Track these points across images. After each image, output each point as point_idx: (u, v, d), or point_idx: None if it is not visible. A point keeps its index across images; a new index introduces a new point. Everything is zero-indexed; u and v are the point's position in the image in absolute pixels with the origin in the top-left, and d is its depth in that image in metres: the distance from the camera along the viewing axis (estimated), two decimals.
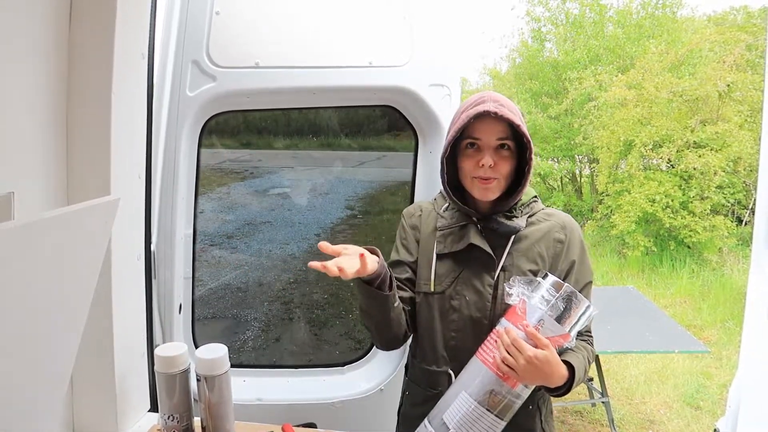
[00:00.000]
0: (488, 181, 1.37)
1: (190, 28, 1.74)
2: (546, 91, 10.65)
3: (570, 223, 1.46)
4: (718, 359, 5.14)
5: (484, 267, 1.41)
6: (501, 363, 1.24)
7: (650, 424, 4.09)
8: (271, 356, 2.31)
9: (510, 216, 1.42)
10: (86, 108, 1.26)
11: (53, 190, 1.24)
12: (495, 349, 1.27)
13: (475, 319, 1.40)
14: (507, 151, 1.37)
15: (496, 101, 1.35)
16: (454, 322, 1.42)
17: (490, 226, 1.42)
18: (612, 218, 8.22)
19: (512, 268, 1.40)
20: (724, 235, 7.57)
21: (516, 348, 1.21)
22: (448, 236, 1.45)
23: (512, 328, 1.25)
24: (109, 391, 1.36)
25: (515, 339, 1.22)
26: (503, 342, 1.24)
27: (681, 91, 7.92)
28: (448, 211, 1.49)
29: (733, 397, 2.05)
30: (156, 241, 1.85)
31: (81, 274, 0.95)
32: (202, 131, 1.87)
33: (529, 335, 1.22)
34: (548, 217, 1.46)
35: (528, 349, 1.20)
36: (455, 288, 1.42)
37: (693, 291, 6.88)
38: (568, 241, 1.43)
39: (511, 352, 1.22)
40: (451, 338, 1.43)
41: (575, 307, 1.26)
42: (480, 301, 1.40)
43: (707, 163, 7.42)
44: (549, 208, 1.50)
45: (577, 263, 1.42)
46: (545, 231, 1.43)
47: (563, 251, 1.42)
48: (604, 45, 10.04)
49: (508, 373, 1.24)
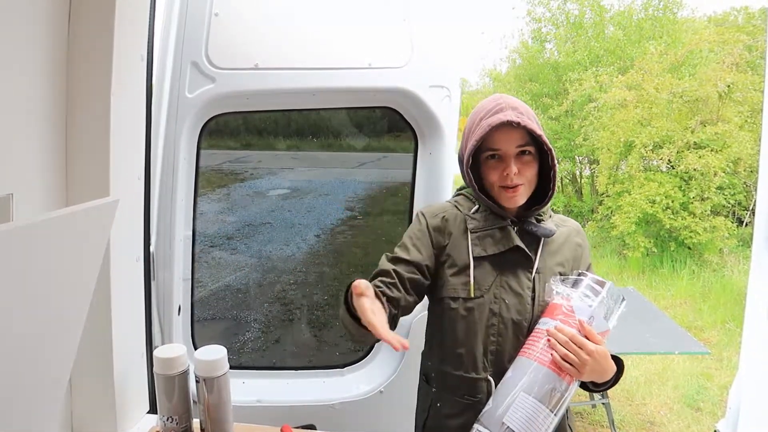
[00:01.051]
0: (515, 189, 1.37)
1: (189, 29, 1.74)
2: (546, 92, 10.65)
3: (580, 228, 1.54)
4: (719, 360, 5.13)
5: (522, 269, 1.40)
6: (561, 360, 1.24)
7: (650, 426, 4.09)
8: (271, 358, 2.31)
9: (539, 220, 1.45)
10: (85, 109, 1.26)
11: (52, 192, 1.24)
12: (548, 348, 1.26)
13: (516, 322, 1.38)
14: (529, 156, 1.38)
15: (514, 108, 1.35)
16: (494, 327, 1.38)
17: (527, 229, 1.42)
18: (612, 219, 8.22)
19: (545, 270, 1.41)
20: (725, 236, 7.57)
21: (576, 345, 1.23)
22: (484, 239, 1.41)
23: (563, 326, 1.26)
24: (108, 392, 1.35)
25: (573, 335, 1.23)
26: (559, 340, 1.24)
27: (681, 92, 7.92)
28: (479, 213, 1.45)
29: (733, 398, 2.04)
30: (155, 243, 1.85)
31: (80, 276, 0.94)
32: (201, 133, 1.87)
33: (586, 332, 1.25)
34: (564, 222, 1.51)
35: (589, 344, 1.23)
36: (494, 292, 1.39)
37: (693, 292, 6.88)
38: (584, 245, 1.50)
39: (571, 348, 1.23)
40: (491, 343, 1.39)
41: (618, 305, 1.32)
42: (520, 303, 1.38)
43: (707, 164, 7.42)
44: (558, 214, 1.55)
45: (591, 265, 1.51)
46: (566, 235, 1.48)
47: (582, 254, 1.48)
48: (604, 46, 10.04)
49: (568, 370, 1.24)
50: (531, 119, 1.35)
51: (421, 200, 2.03)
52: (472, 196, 1.49)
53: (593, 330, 1.25)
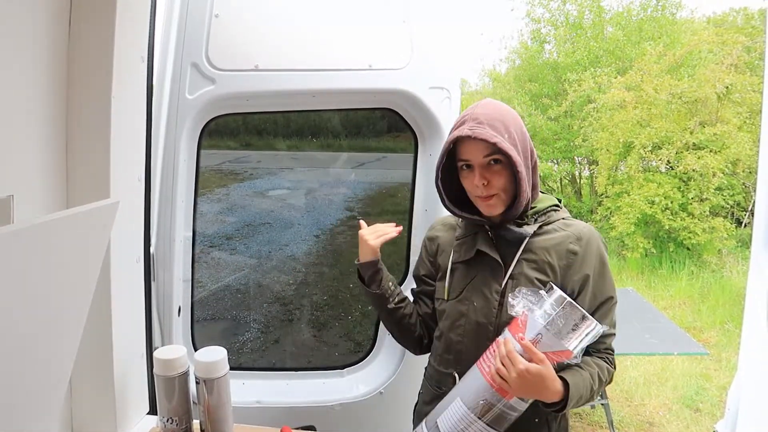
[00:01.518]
0: (488, 199, 1.38)
1: (190, 30, 1.74)
2: (545, 93, 10.65)
3: (588, 234, 1.40)
4: (718, 361, 5.14)
5: (493, 274, 1.42)
6: (495, 374, 1.25)
7: (649, 426, 4.09)
8: (271, 359, 2.31)
9: (521, 224, 1.41)
10: (86, 111, 1.26)
11: (53, 194, 1.24)
12: (493, 359, 1.27)
13: (480, 325, 1.41)
14: (498, 165, 1.36)
15: (475, 119, 1.34)
16: (461, 327, 1.45)
17: (500, 233, 1.43)
18: (611, 220, 8.22)
19: (521, 277, 1.38)
20: (724, 237, 7.57)
21: (509, 360, 1.22)
22: (462, 245, 1.50)
23: (510, 339, 1.25)
24: (108, 393, 1.36)
25: (510, 351, 1.22)
26: (499, 353, 1.25)
27: (680, 92, 7.92)
28: (464, 222, 1.52)
29: (732, 399, 2.05)
30: (155, 244, 1.85)
31: (80, 277, 0.95)
32: (201, 134, 1.88)
33: (525, 348, 1.22)
34: (565, 227, 1.42)
35: (520, 363, 1.20)
36: (465, 294, 1.45)
37: (692, 293, 6.88)
38: (582, 254, 1.38)
39: (505, 363, 1.23)
40: (457, 342, 1.46)
41: (578, 324, 1.23)
42: (486, 307, 1.41)
43: (706, 165, 7.43)
44: (570, 219, 1.46)
45: (594, 277, 1.37)
46: (558, 241, 1.39)
47: (576, 263, 1.37)
48: (603, 47, 10.04)
49: (501, 385, 1.24)
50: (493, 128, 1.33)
51: (421, 202, 2.04)
52: None
53: (534, 348, 1.21)
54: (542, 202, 1.45)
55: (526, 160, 1.37)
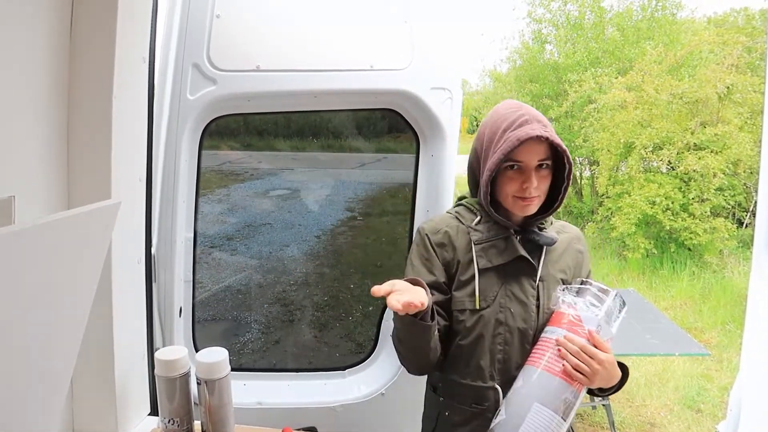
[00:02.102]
0: (530, 200, 1.39)
1: (191, 31, 1.74)
2: (546, 93, 10.66)
3: (581, 234, 1.56)
4: (719, 362, 5.13)
5: (526, 277, 1.42)
6: (573, 370, 1.26)
7: (651, 427, 4.09)
8: (272, 360, 2.31)
9: (541, 228, 1.47)
10: (87, 112, 1.26)
11: (54, 194, 1.24)
12: (559, 358, 1.28)
13: (522, 331, 1.40)
14: (546, 170, 1.39)
15: (539, 121, 1.35)
16: (501, 336, 1.40)
17: (530, 238, 1.43)
18: (612, 220, 8.21)
19: (548, 278, 1.43)
20: (725, 238, 7.56)
21: (588, 354, 1.25)
22: (488, 249, 1.43)
23: (573, 336, 1.28)
24: (109, 394, 1.35)
25: (584, 346, 1.26)
26: (570, 350, 1.27)
27: (681, 93, 7.92)
28: (482, 225, 1.46)
29: (734, 400, 2.05)
30: (156, 245, 1.85)
31: (82, 278, 0.94)
32: (202, 135, 1.87)
33: (595, 341, 1.27)
34: (564, 229, 1.53)
35: (600, 354, 1.26)
36: (499, 301, 1.40)
37: (693, 293, 6.88)
38: (584, 252, 1.53)
39: (582, 359, 1.25)
40: (498, 352, 1.40)
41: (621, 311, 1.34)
42: (525, 312, 1.40)
43: (707, 165, 7.42)
44: (559, 221, 1.56)
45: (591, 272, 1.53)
46: (567, 242, 1.50)
47: (583, 261, 1.51)
48: (603, 47, 10.04)
49: (580, 379, 1.27)
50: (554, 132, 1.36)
51: (423, 202, 2.03)
52: (473, 206, 1.50)
53: (601, 339, 1.27)
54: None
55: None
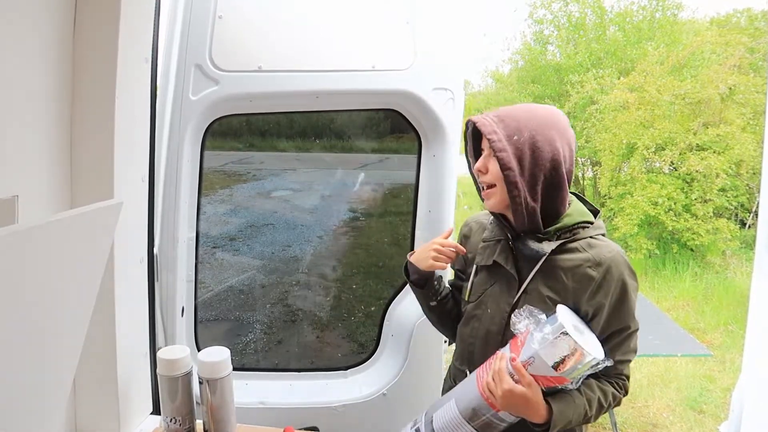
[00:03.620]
0: (487, 190, 1.39)
1: (193, 32, 1.75)
2: (548, 94, 10.66)
3: (609, 261, 1.31)
4: (722, 363, 5.12)
5: (508, 286, 1.41)
6: (485, 386, 1.28)
7: (653, 428, 4.08)
8: (274, 360, 2.31)
9: (542, 238, 1.35)
10: (90, 112, 1.26)
11: (57, 194, 1.24)
12: (489, 371, 1.29)
13: (490, 332, 1.43)
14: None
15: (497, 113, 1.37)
16: (474, 329, 1.47)
17: (518, 247, 1.40)
18: (614, 221, 8.20)
19: (534, 293, 1.36)
20: (727, 238, 7.55)
21: (498, 377, 1.24)
22: (485, 249, 1.49)
23: (507, 356, 1.27)
24: (111, 393, 1.36)
25: (500, 369, 1.24)
26: (493, 368, 1.27)
27: (683, 93, 7.91)
28: (492, 224, 1.50)
29: (736, 401, 2.04)
30: (159, 245, 1.85)
31: (84, 277, 0.95)
32: (204, 135, 1.88)
33: (515, 369, 1.23)
34: (588, 248, 1.33)
35: (506, 382, 1.22)
36: (482, 299, 1.47)
37: (696, 294, 6.86)
38: (600, 280, 1.30)
39: (495, 379, 1.25)
40: (469, 343, 1.49)
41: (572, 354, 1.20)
42: (497, 317, 1.42)
43: (709, 166, 7.41)
44: (598, 239, 1.36)
45: (610, 306, 1.32)
46: (577, 263, 1.32)
47: (591, 289, 1.31)
48: (605, 48, 10.03)
49: (489, 398, 1.27)
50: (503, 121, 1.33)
51: (425, 203, 2.04)
52: None
53: (524, 370, 1.22)
54: (571, 217, 1.36)
55: (532, 168, 1.31)
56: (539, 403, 1.24)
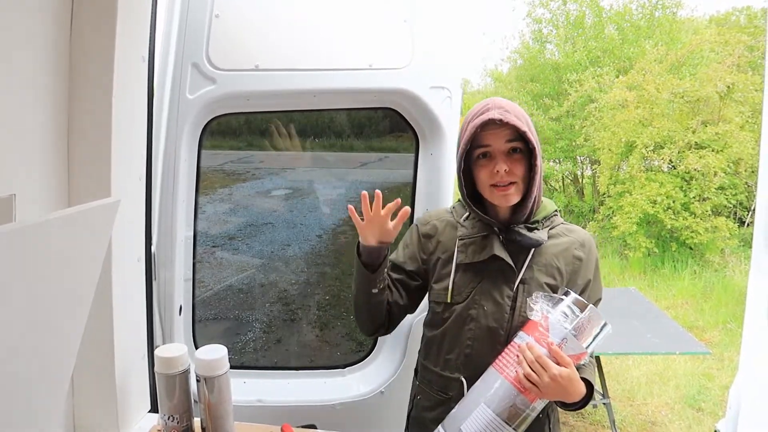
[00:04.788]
0: (507, 188, 1.38)
1: (190, 30, 1.75)
2: (547, 93, 10.65)
3: (588, 241, 1.47)
4: (720, 361, 5.13)
5: (504, 278, 1.41)
6: (524, 379, 1.25)
7: (651, 426, 4.09)
8: (272, 358, 2.32)
9: (531, 228, 1.42)
10: (87, 110, 1.26)
11: (54, 192, 1.25)
12: (516, 364, 1.28)
13: (492, 330, 1.41)
14: (519, 154, 1.37)
15: (500, 107, 1.36)
16: (471, 331, 1.43)
17: (512, 238, 1.41)
18: (613, 219, 8.22)
19: (531, 281, 1.40)
20: (726, 237, 7.57)
21: (540, 365, 1.22)
22: (469, 246, 1.46)
23: (534, 344, 1.26)
24: (109, 391, 1.36)
25: (540, 356, 1.23)
26: (526, 358, 1.25)
27: (682, 92, 7.92)
28: (469, 221, 1.49)
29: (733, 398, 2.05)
30: (156, 243, 1.86)
31: (82, 276, 0.95)
32: (202, 134, 1.88)
33: (553, 353, 1.23)
34: (568, 233, 1.46)
35: (553, 368, 1.22)
36: (473, 298, 1.43)
37: (695, 292, 6.88)
38: (586, 260, 1.44)
39: (535, 368, 1.23)
40: (466, 346, 1.44)
41: (596, 326, 1.27)
42: (498, 312, 1.41)
43: (707, 165, 7.42)
44: (569, 224, 1.50)
45: (592, 281, 1.45)
46: (565, 246, 1.43)
47: (581, 269, 1.43)
48: (603, 46, 10.04)
49: (530, 389, 1.25)
50: (518, 117, 1.35)
51: (423, 201, 2.04)
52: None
53: (562, 352, 1.23)
54: (546, 208, 1.47)
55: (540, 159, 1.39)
56: (579, 380, 1.27)
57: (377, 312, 1.53)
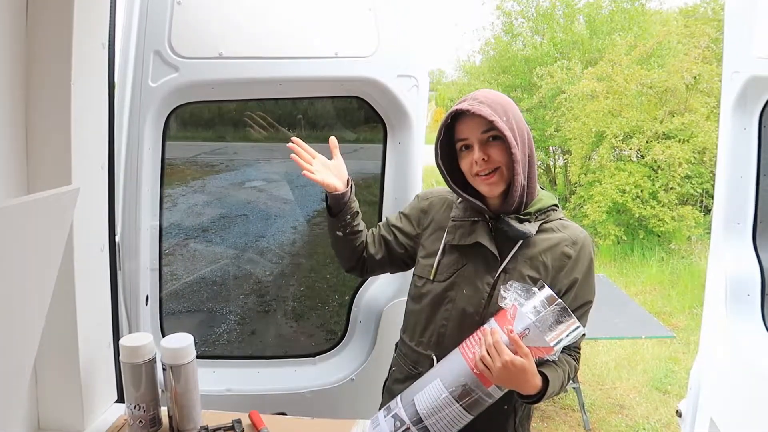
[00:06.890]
0: (489, 176, 1.39)
1: (152, 17, 1.72)
2: (519, 84, 10.71)
3: (582, 240, 1.45)
4: (686, 345, 5.26)
5: (487, 266, 1.43)
6: (479, 361, 1.27)
7: (620, 409, 4.18)
8: (242, 347, 2.32)
9: (522, 219, 1.42)
10: (45, 98, 1.24)
11: (13, 180, 1.22)
12: (477, 346, 1.30)
13: (467, 313, 1.44)
14: (497, 142, 1.38)
15: (475, 99, 1.38)
16: (447, 311, 1.46)
17: (501, 227, 1.43)
18: (584, 208, 8.33)
19: (513, 272, 1.42)
20: (692, 225, 7.73)
21: (495, 350, 1.24)
22: (458, 228, 1.48)
23: (498, 330, 1.28)
24: (74, 382, 1.35)
25: (497, 341, 1.25)
26: (486, 341, 1.27)
27: (650, 83, 8.05)
28: (463, 204, 1.51)
29: (693, 379, 2.12)
30: (120, 233, 1.83)
31: (41, 264, 0.94)
32: (166, 122, 1.86)
33: (512, 341, 1.25)
34: (562, 229, 1.45)
35: (506, 354, 1.23)
36: (454, 280, 1.45)
37: (662, 279, 7.03)
38: (575, 258, 1.42)
39: (491, 353, 1.25)
40: (441, 326, 1.47)
41: (564, 324, 1.28)
42: (475, 297, 1.43)
43: (672, 155, 7.56)
44: (566, 220, 1.49)
45: (580, 281, 1.43)
46: (555, 242, 1.43)
47: (568, 266, 1.42)
48: (572, 38, 10.13)
49: (483, 372, 1.27)
50: (492, 107, 1.35)
51: (391, 190, 2.05)
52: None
53: (521, 342, 1.25)
54: (543, 201, 1.47)
55: (522, 147, 1.39)
56: (535, 373, 1.28)
57: (347, 252, 1.61)
